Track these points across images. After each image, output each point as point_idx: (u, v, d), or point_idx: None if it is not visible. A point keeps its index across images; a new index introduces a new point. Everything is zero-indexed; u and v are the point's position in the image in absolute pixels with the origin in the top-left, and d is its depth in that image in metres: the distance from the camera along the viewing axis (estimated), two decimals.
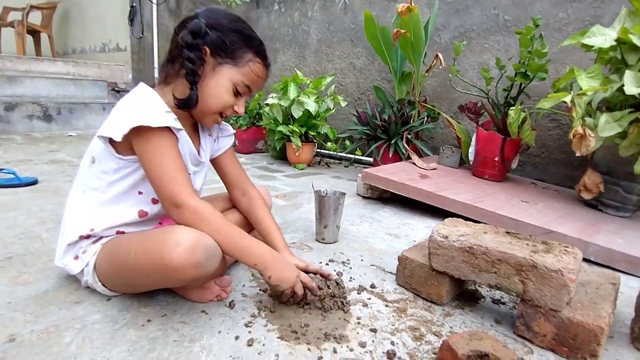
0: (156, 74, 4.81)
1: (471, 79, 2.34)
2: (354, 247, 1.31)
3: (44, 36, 5.67)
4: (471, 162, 2.05)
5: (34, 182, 1.89)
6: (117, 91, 4.98)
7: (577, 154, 1.43)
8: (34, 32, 5.57)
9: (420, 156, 2.22)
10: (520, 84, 1.92)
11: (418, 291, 1.00)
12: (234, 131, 1.10)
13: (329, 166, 2.74)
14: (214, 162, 1.07)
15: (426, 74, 2.29)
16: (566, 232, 1.31)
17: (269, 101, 2.51)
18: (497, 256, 0.83)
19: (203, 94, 0.86)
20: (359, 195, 1.94)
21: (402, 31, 2.04)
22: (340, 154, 2.77)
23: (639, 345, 0.83)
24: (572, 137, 1.44)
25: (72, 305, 0.88)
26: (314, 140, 2.62)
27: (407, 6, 1.98)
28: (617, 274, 0.96)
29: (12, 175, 1.89)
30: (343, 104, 2.56)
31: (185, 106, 0.85)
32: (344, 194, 1.34)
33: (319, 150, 2.85)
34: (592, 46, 1.43)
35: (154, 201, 0.89)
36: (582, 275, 0.94)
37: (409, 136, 2.21)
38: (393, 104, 2.35)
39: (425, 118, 2.30)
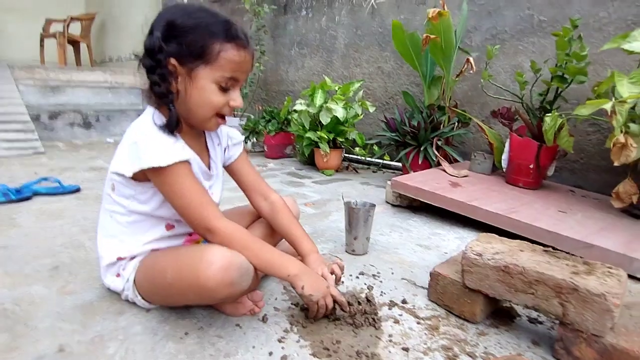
0: None
1: (504, 82, 2.27)
2: (384, 259, 1.31)
3: (83, 46, 5.97)
4: (504, 169, 2.00)
5: (77, 190, 1.99)
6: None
7: (616, 164, 1.36)
8: (74, 42, 5.87)
9: (451, 162, 2.18)
10: (557, 87, 1.85)
11: (450, 308, 0.98)
12: (243, 138, 1.09)
13: (357, 172, 2.74)
14: (228, 170, 1.07)
15: (457, 79, 2.25)
16: (608, 247, 1.25)
17: (297, 107, 2.53)
18: (535, 277, 0.81)
19: (191, 105, 0.83)
20: (388, 203, 1.93)
21: (432, 36, 2.01)
22: (368, 159, 2.76)
23: None
24: (612, 145, 1.37)
25: (115, 315, 0.92)
26: (342, 146, 2.62)
27: (439, 11, 1.95)
28: None
29: (57, 184, 2.00)
30: (371, 109, 2.55)
31: (172, 128, 0.82)
32: (374, 205, 1.33)
33: (347, 155, 2.84)
34: (633, 51, 1.36)
35: (177, 219, 0.92)
36: (627, 296, 0.90)
37: (439, 142, 2.17)
38: (422, 110, 2.32)
39: (456, 123, 2.25)
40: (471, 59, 2.09)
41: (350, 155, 2.85)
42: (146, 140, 0.80)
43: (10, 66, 4.07)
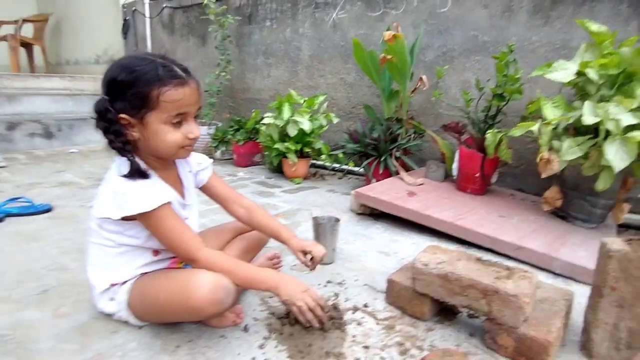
0: None
1: (454, 96, 2.50)
2: (349, 267, 1.48)
3: (36, 49, 5.74)
4: (455, 177, 2.22)
5: (49, 210, 2.03)
6: None
7: (543, 176, 1.61)
8: (27, 45, 5.64)
9: (408, 171, 2.38)
10: (498, 105, 2.09)
11: (404, 309, 1.17)
12: (211, 161, 1.20)
13: (324, 178, 2.90)
14: (202, 189, 1.20)
15: (412, 95, 2.46)
16: (535, 248, 1.48)
17: (265, 120, 2.66)
18: (467, 282, 1.00)
19: (154, 146, 0.94)
20: (353, 211, 2.10)
21: (389, 57, 2.19)
22: (334, 165, 2.93)
23: (586, 352, 1.00)
24: (539, 160, 1.61)
25: (111, 334, 1.03)
26: (309, 155, 2.77)
27: (393, 34, 2.14)
28: (571, 291, 1.13)
29: (28, 203, 2.03)
30: (335, 120, 2.71)
31: (137, 175, 0.92)
32: (339, 220, 1.50)
33: (314, 162, 2.99)
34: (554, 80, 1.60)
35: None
36: (542, 292, 1.11)
37: (397, 153, 2.38)
38: (382, 122, 2.51)
39: (412, 135, 2.46)
40: (424, 78, 2.30)
41: (317, 162, 3.00)
42: (127, 189, 0.91)
43: None
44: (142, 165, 0.96)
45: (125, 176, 0.91)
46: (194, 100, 0.94)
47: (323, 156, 2.79)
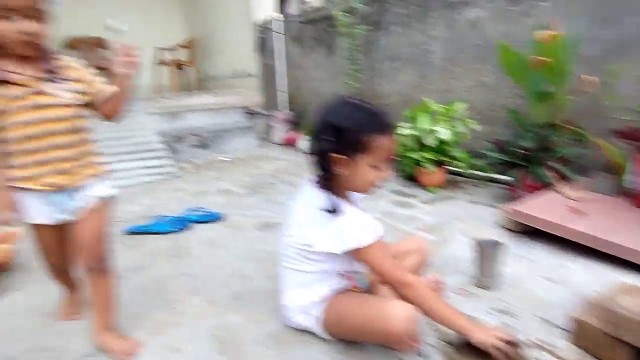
0: (279, 97, 5.35)
1: (628, 94, 2.15)
2: (514, 294, 1.41)
3: (188, 69, 6.74)
4: (631, 190, 1.92)
5: (220, 218, 2.38)
6: (250, 113, 5.68)
7: None
8: (181, 66, 6.66)
9: (566, 182, 2.14)
10: None
11: (595, 354, 1.07)
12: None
13: (461, 187, 2.79)
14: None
15: (571, 97, 2.19)
16: None
17: (404, 131, 2.67)
18: None
19: (354, 183, 1.08)
20: (503, 227, 1.98)
21: (543, 59, 2.00)
22: (473, 171, 2.79)
23: None
24: None
25: (302, 344, 1.18)
26: (446, 165, 2.70)
27: (552, 33, 1.94)
28: None
29: (204, 212, 2.41)
30: (477, 127, 2.58)
31: (333, 210, 1.03)
32: (502, 243, 1.44)
33: (450, 167, 2.89)
34: None
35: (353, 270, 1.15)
36: None
37: (553, 163, 2.15)
38: (531, 128, 2.30)
39: (571, 142, 2.20)
40: (589, 78, 2.03)
41: (454, 169, 2.89)
42: (350, 225, 1.03)
43: (137, 97, 4.80)
44: (336, 198, 1.07)
45: (328, 211, 1.04)
46: (393, 147, 1.10)
47: (460, 163, 2.69)
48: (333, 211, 1.03)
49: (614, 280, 1.39)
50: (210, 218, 2.35)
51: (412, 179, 2.92)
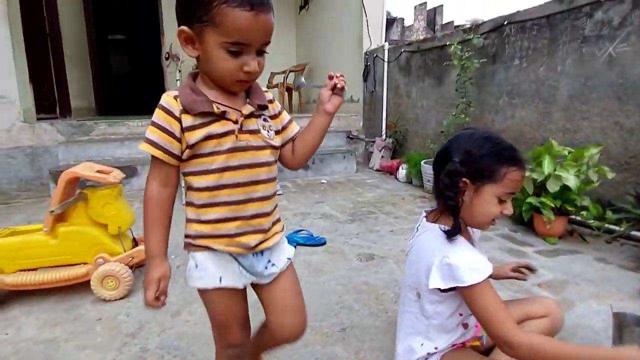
0: (384, 124, 5.39)
1: None
2: None
3: (294, 93, 7.22)
4: None
5: (324, 243, 2.47)
6: (351, 138, 5.83)
7: None
8: (289, 90, 7.15)
9: None
10: None
11: None
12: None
13: (585, 240, 2.49)
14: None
15: None
16: None
17: None
18: None
19: (473, 212, 1.03)
20: None
21: None
22: (604, 224, 2.47)
23: None
24: None
25: None
26: (570, 214, 2.44)
27: None
28: None
29: (308, 235, 2.52)
30: (610, 175, 2.30)
31: (453, 234, 1.00)
32: None
33: (572, 216, 2.61)
34: None
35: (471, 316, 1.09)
36: None
37: None
38: None
39: None
40: None
41: (578, 219, 2.60)
42: (462, 261, 0.98)
43: None
44: (466, 241, 1.04)
45: (447, 233, 1.02)
46: (521, 184, 1.05)
47: (585, 213, 2.40)
48: (450, 235, 1.01)
49: None
50: (315, 242, 2.45)
51: (523, 223, 2.70)
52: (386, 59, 5.25)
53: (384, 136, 5.36)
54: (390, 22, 13.12)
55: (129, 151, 4.27)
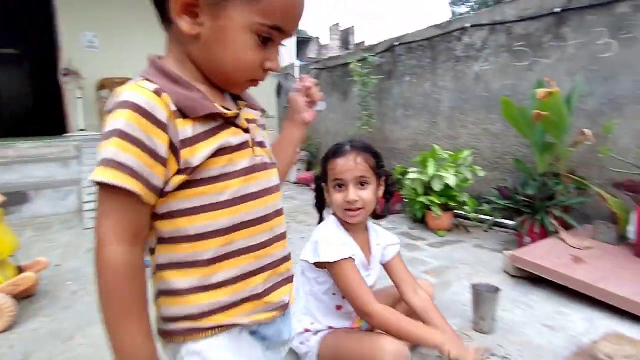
0: None
1: (626, 147, 2.24)
2: (511, 340, 1.46)
3: None
4: (632, 241, 1.97)
5: None
6: None
7: None
8: None
9: (568, 229, 2.20)
10: None
11: None
12: (399, 241, 1.36)
13: (468, 231, 2.85)
14: (385, 266, 1.34)
15: (572, 149, 2.29)
16: None
17: (411, 175, 2.79)
18: None
19: (335, 210, 1.24)
20: (506, 272, 2.04)
21: (543, 113, 2.13)
22: (480, 216, 2.85)
23: None
24: None
25: None
26: (454, 209, 2.78)
27: (549, 91, 2.08)
28: None
29: None
30: (481, 174, 2.69)
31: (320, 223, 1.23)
32: (499, 289, 1.50)
33: (457, 211, 2.97)
34: None
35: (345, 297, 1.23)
36: None
37: (556, 212, 2.22)
38: (536, 177, 2.39)
39: (572, 191, 2.28)
40: (587, 132, 2.14)
41: (461, 213, 2.97)
42: (323, 240, 1.16)
43: None
44: (338, 224, 1.21)
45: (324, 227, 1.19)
46: (348, 168, 1.16)
47: (467, 208, 2.77)
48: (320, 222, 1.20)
49: (609, 329, 1.43)
50: None
51: (419, 221, 3.01)
52: (296, 76, 5.48)
53: (299, 150, 5.54)
54: (306, 41, 13.67)
55: (18, 176, 3.87)
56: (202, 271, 0.60)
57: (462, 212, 2.89)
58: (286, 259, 0.71)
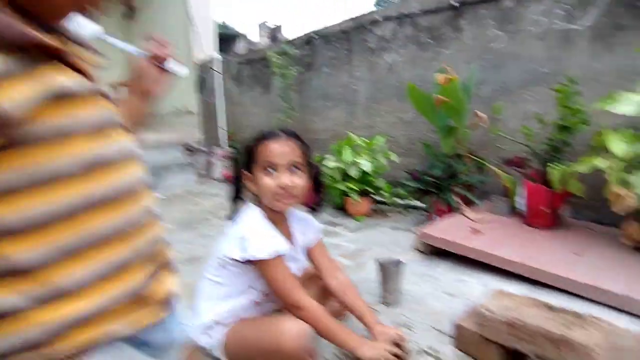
0: (220, 134, 5.41)
1: (515, 128, 2.48)
2: (415, 309, 1.53)
3: None
4: (521, 211, 2.18)
5: None
6: (190, 150, 5.66)
7: (617, 211, 1.55)
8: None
9: (471, 206, 2.38)
10: (562, 137, 2.05)
11: (473, 355, 1.19)
12: (321, 227, 1.36)
13: (386, 215, 2.97)
14: (307, 253, 1.33)
15: (470, 131, 2.48)
16: (613, 289, 1.42)
17: (327, 163, 2.83)
18: (535, 330, 1.02)
19: (261, 195, 1.14)
20: (417, 250, 2.14)
21: (443, 98, 2.27)
22: (397, 200, 2.98)
23: None
24: (609, 195, 1.56)
25: None
26: (371, 195, 2.87)
27: (448, 77, 2.22)
28: None
29: None
30: (395, 159, 2.81)
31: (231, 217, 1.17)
32: (402, 262, 1.57)
33: (376, 197, 3.07)
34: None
35: (265, 294, 1.20)
36: (619, 340, 1.08)
37: (459, 189, 2.39)
38: (441, 159, 2.55)
39: (473, 170, 2.47)
40: (480, 114, 2.33)
41: (379, 198, 3.08)
42: (252, 235, 1.09)
43: None
44: (262, 215, 1.15)
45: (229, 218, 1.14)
46: (282, 154, 1.10)
47: (384, 192, 2.88)
48: (229, 218, 1.13)
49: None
50: None
51: (341, 209, 3.07)
52: (219, 70, 5.31)
53: (223, 146, 5.37)
54: (234, 37, 13.38)
55: None
56: (37, 277, 0.45)
57: (380, 198, 3.00)
58: (162, 244, 0.61)
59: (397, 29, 3.16)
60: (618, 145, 1.54)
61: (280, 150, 1.11)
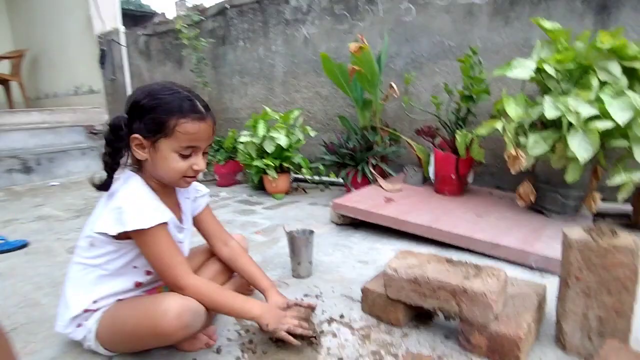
0: None
1: (426, 100, 2.54)
2: (327, 279, 1.47)
3: (14, 84, 5.72)
4: (432, 180, 2.24)
5: (24, 245, 1.99)
6: (95, 133, 5.07)
7: (512, 172, 1.63)
8: (4, 81, 5.63)
9: (386, 178, 2.40)
10: (467, 106, 2.12)
11: (380, 317, 1.16)
12: (208, 191, 1.24)
13: (305, 192, 2.90)
14: (194, 219, 1.20)
15: (384, 102, 2.49)
16: (510, 244, 1.49)
17: (242, 139, 2.66)
18: (437, 284, 1.00)
19: (158, 169, 0.97)
20: (333, 222, 2.10)
21: (357, 68, 2.23)
22: (315, 177, 2.93)
23: (560, 344, 1.00)
24: (506, 157, 1.63)
25: None
26: (289, 170, 2.77)
27: (359, 46, 2.17)
28: (543, 285, 1.14)
29: (1, 241, 1.99)
30: (312, 134, 2.73)
31: (102, 188, 0.99)
32: (313, 232, 1.49)
33: (295, 175, 2.99)
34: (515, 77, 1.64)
35: (148, 272, 1.03)
36: (514, 288, 1.11)
37: (374, 161, 2.39)
38: (358, 131, 2.53)
39: (388, 142, 2.48)
40: (393, 85, 2.34)
41: (299, 176, 3.00)
42: (130, 205, 0.92)
43: None
44: (145, 185, 0.98)
45: (97, 188, 0.97)
46: (206, 137, 0.97)
47: (304, 170, 2.80)
48: (100, 189, 0.97)
49: None
50: (8, 247, 1.94)
51: (259, 188, 2.93)
52: (124, 44, 4.78)
53: None
54: (150, 16, 12.30)
55: None
56: None
57: (300, 175, 2.92)
58: None
59: (312, 0, 3.06)
60: (514, 109, 1.62)
61: (206, 133, 0.97)
